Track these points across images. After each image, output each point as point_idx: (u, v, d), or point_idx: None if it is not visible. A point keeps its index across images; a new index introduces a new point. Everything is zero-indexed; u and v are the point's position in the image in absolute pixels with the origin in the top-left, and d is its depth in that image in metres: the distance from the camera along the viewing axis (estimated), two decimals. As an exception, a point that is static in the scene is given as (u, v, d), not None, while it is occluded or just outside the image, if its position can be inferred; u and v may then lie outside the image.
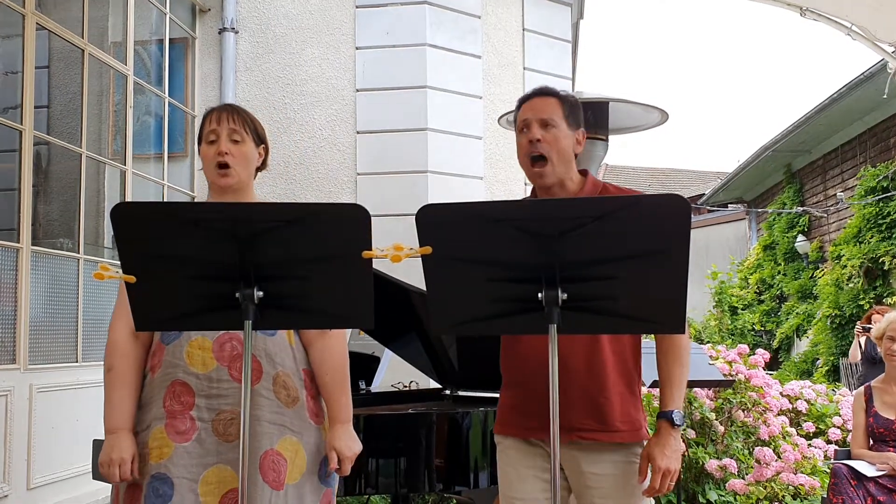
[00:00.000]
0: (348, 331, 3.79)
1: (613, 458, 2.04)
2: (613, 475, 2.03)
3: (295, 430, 2.03)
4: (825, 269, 11.18)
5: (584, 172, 2.18)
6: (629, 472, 2.04)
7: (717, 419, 4.67)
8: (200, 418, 1.98)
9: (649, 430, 2.12)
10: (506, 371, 2.18)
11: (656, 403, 4.67)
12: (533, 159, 2.08)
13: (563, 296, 1.62)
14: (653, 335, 2.10)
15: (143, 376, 2.05)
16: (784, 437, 4.78)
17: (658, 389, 2.14)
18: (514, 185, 6.59)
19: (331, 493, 2.11)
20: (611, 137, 4.64)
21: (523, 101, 2.16)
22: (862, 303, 9.44)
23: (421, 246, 1.61)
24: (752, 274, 14.16)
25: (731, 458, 4.52)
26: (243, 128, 2.10)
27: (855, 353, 6.55)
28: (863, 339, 6.35)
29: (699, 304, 14.08)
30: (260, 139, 2.16)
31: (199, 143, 2.15)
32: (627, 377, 2.10)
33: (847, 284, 9.91)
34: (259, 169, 2.20)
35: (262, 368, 2.02)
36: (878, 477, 3.75)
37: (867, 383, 4.20)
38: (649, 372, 4.03)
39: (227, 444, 1.97)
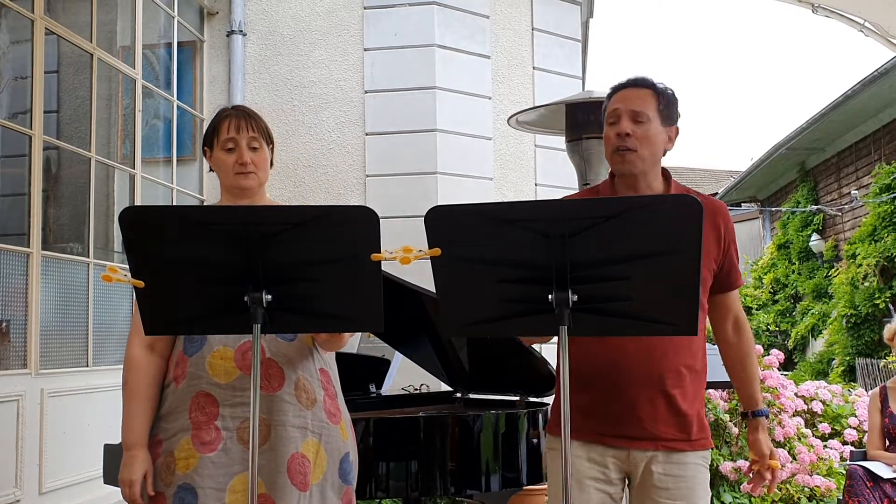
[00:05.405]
0: (358, 333, 3.80)
1: (686, 459, 2.00)
2: (686, 476, 1.99)
3: (315, 431, 2.05)
4: (840, 268, 11.09)
5: (666, 175, 2.08)
6: (700, 474, 2.02)
7: (731, 421, 4.63)
8: (225, 427, 1.99)
9: None
10: (574, 372, 2.13)
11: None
12: (618, 151, 1.99)
13: (573, 297, 1.60)
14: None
15: (161, 389, 2.07)
16: (799, 439, 4.73)
17: None
18: (524, 186, 6.55)
19: (351, 490, 2.12)
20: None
21: (616, 90, 2.05)
22: (877, 302, 9.35)
23: (430, 248, 1.60)
24: (766, 273, 14.07)
25: (746, 459, 4.47)
26: (260, 134, 2.13)
27: None
28: None
29: (712, 304, 13.96)
30: (270, 139, 2.19)
31: (209, 146, 2.14)
32: (701, 382, 2.06)
33: (862, 283, 9.82)
34: None
35: (283, 374, 2.04)
36: (895, 478, 3.71)
37: (882, 384, 4.15)
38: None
39: None
